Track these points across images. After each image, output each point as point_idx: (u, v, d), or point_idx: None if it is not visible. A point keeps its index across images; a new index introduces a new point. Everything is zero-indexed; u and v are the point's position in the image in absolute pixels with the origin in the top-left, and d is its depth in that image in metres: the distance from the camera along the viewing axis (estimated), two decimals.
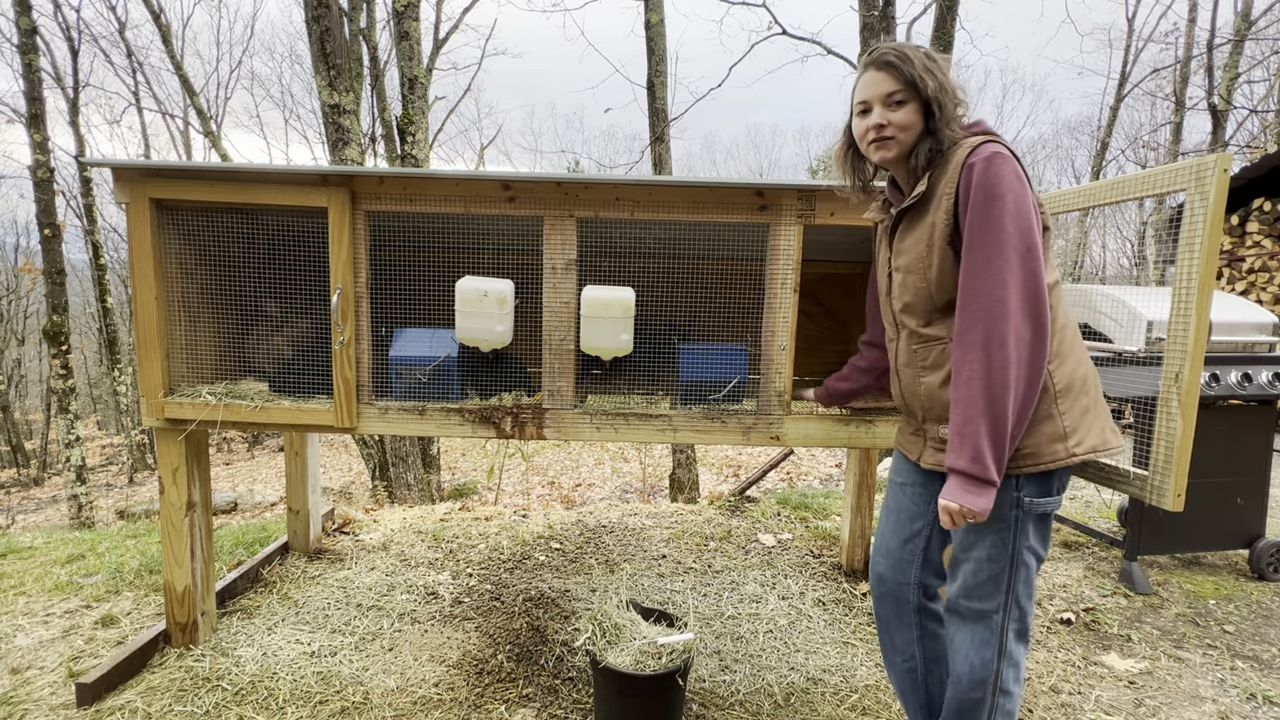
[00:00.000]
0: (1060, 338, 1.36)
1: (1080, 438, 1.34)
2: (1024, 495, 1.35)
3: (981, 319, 1.25)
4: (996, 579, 1.39)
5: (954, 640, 1.49)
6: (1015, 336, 1.23)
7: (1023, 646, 1.44)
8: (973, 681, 1.43)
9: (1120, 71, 15.52)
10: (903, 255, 1.45)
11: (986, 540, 1.39)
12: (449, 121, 17.44)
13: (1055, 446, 1.33)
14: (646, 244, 2.52)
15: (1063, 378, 1.34)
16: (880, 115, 1.38)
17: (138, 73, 15.57)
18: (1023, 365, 1.24)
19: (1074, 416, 1.34)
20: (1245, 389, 2.88)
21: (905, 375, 1.51)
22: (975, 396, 1.25)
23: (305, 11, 5.25)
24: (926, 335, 1.43)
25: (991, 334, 1.24)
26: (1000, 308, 1.23)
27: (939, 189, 1.35)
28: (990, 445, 1.24)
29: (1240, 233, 7.31)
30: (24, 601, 2.71)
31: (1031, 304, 1.24)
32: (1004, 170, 1.25)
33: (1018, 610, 1.41)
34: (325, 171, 2.04)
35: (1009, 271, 1.23)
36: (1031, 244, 1.24)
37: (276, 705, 2.00)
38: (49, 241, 8.27)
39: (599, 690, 1.87)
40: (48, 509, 10.88)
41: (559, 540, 3.41)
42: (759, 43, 8.55)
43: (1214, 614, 2.76)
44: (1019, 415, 1.27)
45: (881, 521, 1.69)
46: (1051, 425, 1.33)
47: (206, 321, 2.31)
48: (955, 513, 1.29)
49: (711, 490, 7.91)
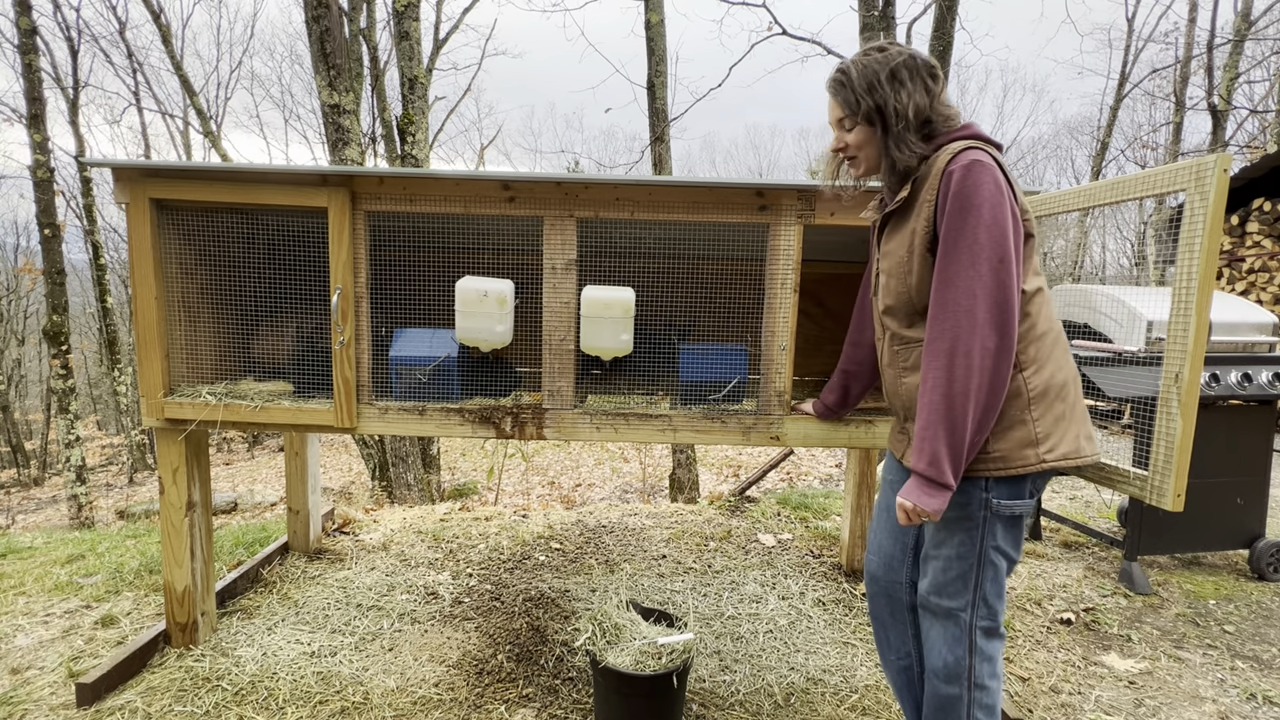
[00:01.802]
0: (1039, 345, 1.36)
1: (1053, 444, 1.35)
2: (992, 497, 1.36)
3: (950, 329, 1.27)
4: (964, 577, 1.41)
5: (927, 636, 1.50)
6: (981, 347, 1.25)
7: (996, 643, 1.45)
8: (947, 677, 1.45)
9: (1120, 71, 15.52)
10: (887, 258, 1.47)
11: (955, 539, 1.41)
12: (449, 121, 17.44)
13: (1026, 452, 1.34)
14: (646, 244, 2.52)
15: (1039, 384, 1.35)
16: (838, 138, 1.46)
17: (138, 73, 15.57)
18: (985, 375, 1.26)
19: (1047, 423, 1.35)
20: (1245, 389, 2.87)
21: (888, 375, 1.54)
22: (937, 403, 1.29)
23: (305, 11, 5.25)
24: (907, 338, 1.45)
25: (957, 344, 1.26)
26: (968, 319, 1.26)
27: (921, 195, 1.36)
28: (947, 450, 1.28)
29: (1240, 233, 7.31)
30: (24, 601, 2.70)
31: (999, 315, 1.26)
32: (981, 179, 1.26)
33: (986, 609, 1.42)
34: (325, 171, 2.04)
35: (979, 283, 1.25)
36: (1004, 255, 1.25)
37: (276, 705, 2.00)
38: (49, 241, 8.26)
39: (599, 690, 1.87)
40: (48, 509, 10.88)
41: (559, 540, 3.41)
42: (759, 43, 8.55)
43: (1214, 614, 2.76)
44: (980, 422, 1.30)
45: (874, 520, 1.71)
46: (1023, 430, 1.34)
47: (206, 321, 2.31)
48: (909, 510, 1.34)
49: (711, 490, 7.91)
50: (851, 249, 2.81)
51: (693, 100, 14.01)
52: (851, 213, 2.04)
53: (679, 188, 2.05)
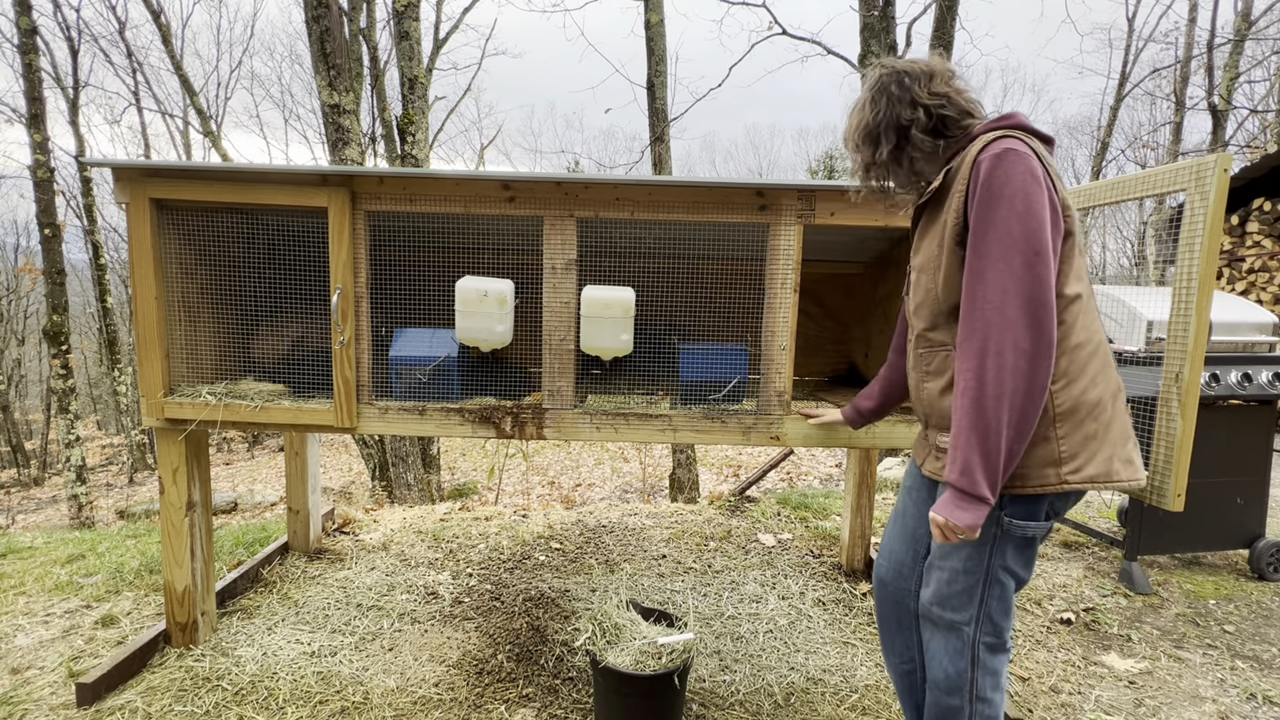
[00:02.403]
0: (1073, 357, 1.26)
1: (1078, 465, 1.25)
2: (1005, 514, 1.30)
3: (980, 327, 1.20)
4: (969, 592, 1.35)
5: (929, 646, 1.46)
6: (1014, 347, 1.17)
7: (1000, 657, 1.40)
8: (948, 689, 1.41)
9: (1120, 71, 15.52)
10: (919, 254, 1.42)
11: (963, 552, 1.35)
12: (449, 121, 17.45)
13: (1046, 471, 1.26)
14: (646, 244, 2.52)
15: (1068, 400, 1.25)
16: None
17: (138, 73, 15.57)
18: (1020, 378, 1.17)
19: (1074, 442, 1.25)
20: (1245, 389, 2.87)
21: (913, 379, 1.49)
22: (968, 408, 1.21)
23: (305, 11, 5.25)
24: (931, 340, 1.41)
25: (988, 343, 1.19)
26: (999, 316, 1.18)
27: (953, 185, 1.30)
28: (981, 460, 1.19)
29: (1240, 233, 7.31)
30: (24, 601, 2.70)
31: (1033, 312, 1.17)
32: (1013, 168, 1.19)
33: (990, 625, 1.36)
34: (325, 171, 2.04)
35: (1011, 277, 1.18)
36: (1040, 248, 1.18)
37: (276, 705, 2.00)
38: (49, 241, 8.27)
39: (599, 690, 1.87)
40: (48, 509, 10.88)
41: (559, 540, 3.41)
42: (759, 43, 8.56)
43: (1214, 614, 2.76)
44: (1018, 428, 1.20)
45: (889, 523, 1.69)
46: (1046, 448, 1.26)
47: (206, 321, 2.31)
48: (942, 526, 1.25)
49: (711, 490, 7.91)
50: (851, 249, 2.81)
51: (693, 100, 14.02)
52: (853, 213, 2.04)
53: (679, 188, 2.05)
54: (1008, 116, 1.33)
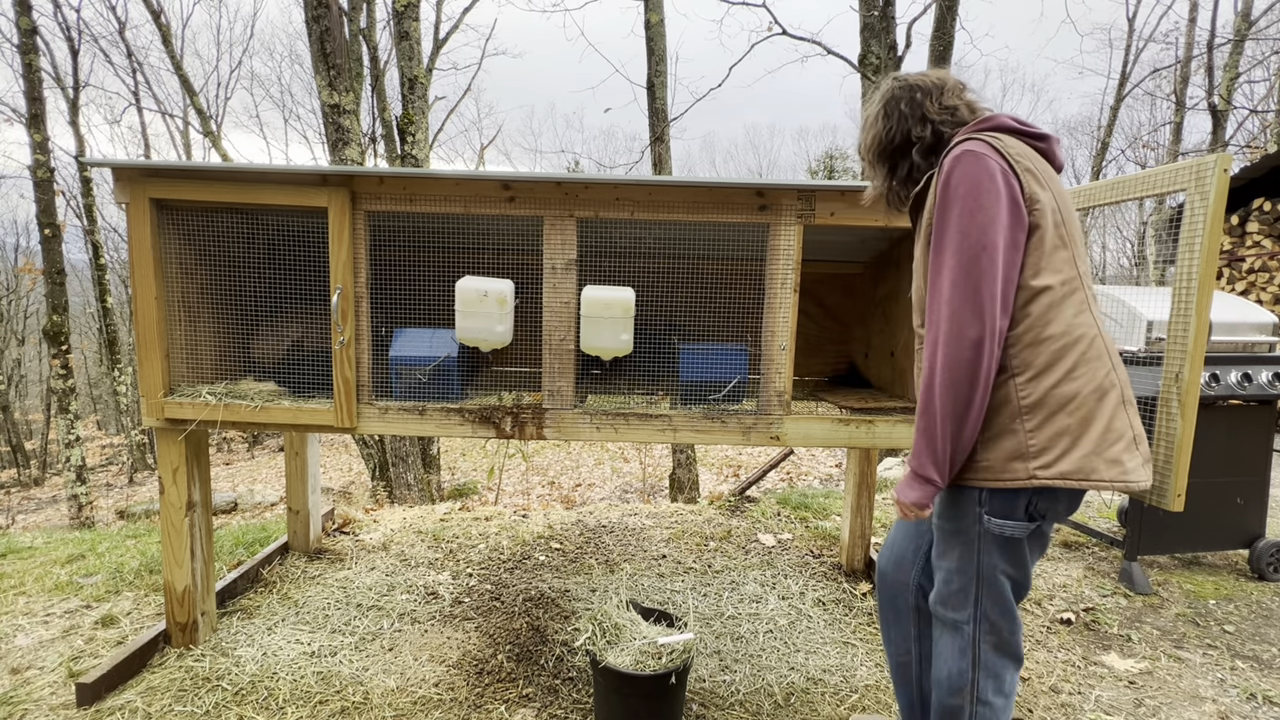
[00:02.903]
0: (1039, 350, 1.26)
1: (1048, 460, 1.24)
2: (985, 511, 1.32)
3: (934, 320, 1.28)
4: (965, 591, 1.38)
5: (936, 643, 1.49)
6: (958, 337, 1.23)
7: (1006, 660, 1.40)
8: (950, 688, 1.43)
9: (1120, 71, 15.51)
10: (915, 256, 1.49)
11: (955, 552, 1.39)
12: (449, 121, 17.45)
13: (1014, 464, 1.27)
14: (646, 244, 2.52)
15: (1035, 393, 1.25)
16: None
17: (138, 73, 15.58)
18: (959, 368, 1.23)
19: (1045, 436, 1.25)
20: (1245, 389, 2.87)
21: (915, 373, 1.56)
22: (921, 395, 1.31)
23: (305, 11, 5.25)
24: (921, 335, 1.46)
25: (939, 334, 1.27)
26: (948, 308, 1.25)
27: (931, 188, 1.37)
28: (926, 443, 1.29)
29: (1240, 233, 7.31)
30: (24, 601, 2.70)
31: (974, 305, 1.22)
32: (968, 169, 1.25)
33: (989, 624, 1.38)
34: (325, 171, 2.04)
35: (959, 270, 1.24)
36: (987, 243, 1.22)
37: (276, 705, 2.00)
38: (49, 241, 8.27)
39: (599, 690, 1.87)
40: (48, 509, 10.88)
41: (559, 540, 3.41)
42: (759, 43, 8.55)
43: (1214, 614, 2.76)
44: (960, 416, 1.25)
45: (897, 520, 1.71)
46: (1013, 441, 1.27)
47: (206, 321, 2.31)
48: (897, 504, 1.35)
49: (711, 490, 7.91)
50: (851, 249, 2.81)
51: (692, 100, 14.02)
52: (853, 213, 2.04)
53: (679, 188, 2.05)
54: (989, 119, 1.37)
